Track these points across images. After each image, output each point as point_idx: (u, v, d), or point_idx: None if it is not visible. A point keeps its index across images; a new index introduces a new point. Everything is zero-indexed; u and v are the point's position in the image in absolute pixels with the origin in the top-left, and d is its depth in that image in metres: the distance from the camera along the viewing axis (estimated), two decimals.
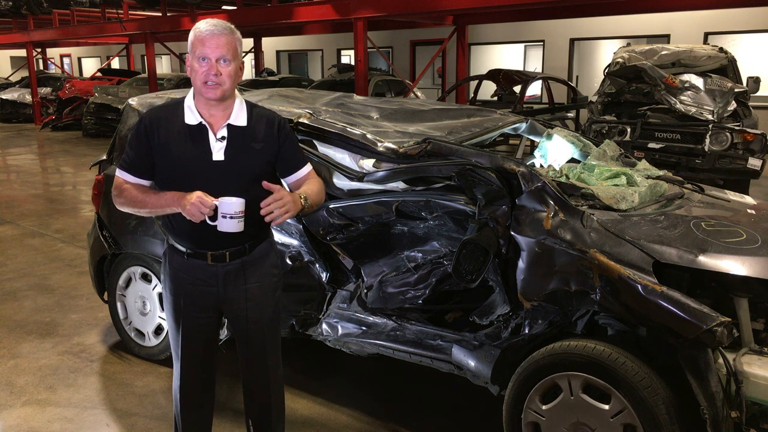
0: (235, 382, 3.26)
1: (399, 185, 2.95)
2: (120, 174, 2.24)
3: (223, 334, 3.12)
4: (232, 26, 2.14)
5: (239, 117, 2.21)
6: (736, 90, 7.39)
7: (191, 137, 2.17)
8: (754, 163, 6.88)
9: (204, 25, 2.11)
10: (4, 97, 18.73)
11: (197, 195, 2.05)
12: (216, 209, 2.05)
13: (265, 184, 2.09)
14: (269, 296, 2.37)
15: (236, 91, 2.23)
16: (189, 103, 2.20)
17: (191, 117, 2.18)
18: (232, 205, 2.04)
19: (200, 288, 2.28)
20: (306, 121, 3.05)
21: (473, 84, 12.07)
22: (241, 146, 2.19)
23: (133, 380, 3.46)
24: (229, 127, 2.19)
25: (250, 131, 2.21)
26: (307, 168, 2.33)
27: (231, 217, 2.04)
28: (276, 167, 2.29)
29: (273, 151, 2.24)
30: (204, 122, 2.18)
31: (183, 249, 2.26)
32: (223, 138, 2.18)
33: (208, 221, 2.07)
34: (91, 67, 26.40)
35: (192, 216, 2.06)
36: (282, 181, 2.32)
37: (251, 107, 2.26)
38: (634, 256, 2.30)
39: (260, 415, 2.50)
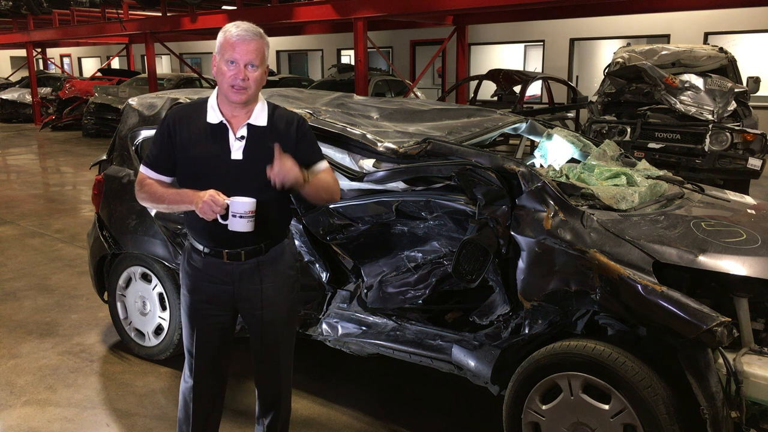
0: (237, 383, 3.26)
1: (399, 185, 2.94)
2: (143, 170, 2.30)
3: None
4: (261, 31, 2.17)
5: (260, 117, 2.24)
6: (736, 90, 7.38)
7: (212, 136, 2.21)
8: (754, 163, 6.87)
9: (234, 29, 2.13)
10: (4, 97, 18.74)
11: (209, 194, 2.08)
12: (228, 208, 2.07)
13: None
14: (284, 297, 2.38)
15: (259, 94, 2.26)
16: (212, 103, 2.24)
17: (213, 116, 2.22)
18: (243, 204, 2.06)
19: (216, 286, 2.30)
20: None
21: (473, 84, 12.07)
22: (260, 146, 2.20)
23: (133, 380, 3.46)
24: (249, 126, 2.22)
25: (270, 131, 2.23)
26: (323, 165, 2.33)
27: (241, 217, 2.06)
28: None
29: (290, 151, 2.23)
30: (225, 121, 2.21)
31: (201, 247, 2.29)
32: (242, 137, 2.20)
33: (220, 220, 2.09)
34: (91, 67, 26.40)
35: (204, 214, 2.08)
36: None
37: (273, 108, 2.29)
38: (634, 256, 2.30)
39: (272, 414, 2.51)
